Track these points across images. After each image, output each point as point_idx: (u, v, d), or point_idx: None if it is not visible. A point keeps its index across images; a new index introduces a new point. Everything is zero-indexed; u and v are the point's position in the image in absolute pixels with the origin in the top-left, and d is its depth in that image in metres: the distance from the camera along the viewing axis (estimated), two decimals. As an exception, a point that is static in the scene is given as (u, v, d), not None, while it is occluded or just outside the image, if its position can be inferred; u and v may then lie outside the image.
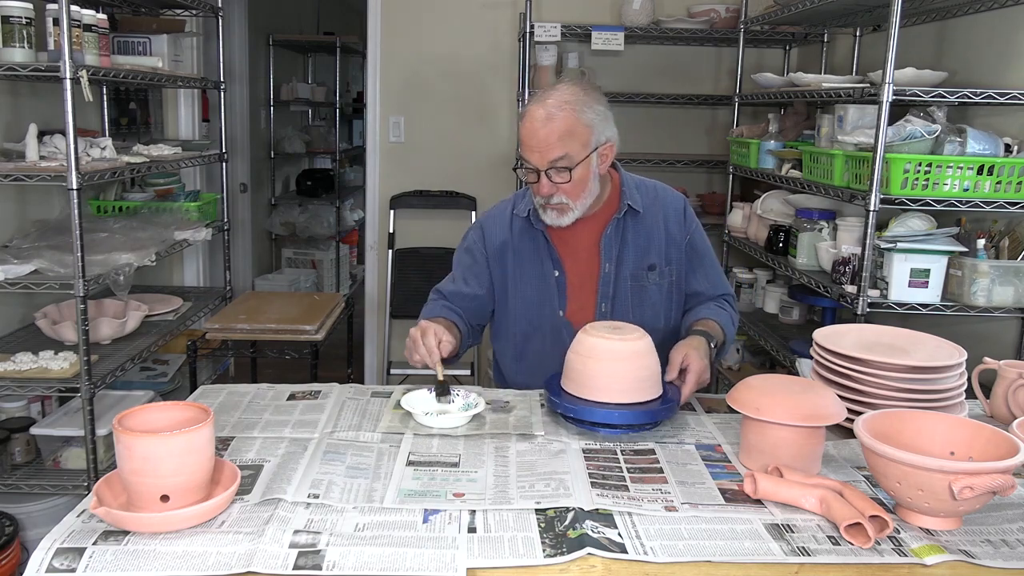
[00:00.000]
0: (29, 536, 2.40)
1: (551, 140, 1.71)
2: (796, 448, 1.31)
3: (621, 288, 1.87)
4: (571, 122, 1.72)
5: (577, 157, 1.74)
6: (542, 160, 1.73)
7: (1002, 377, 1.62)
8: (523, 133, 1.75)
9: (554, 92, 1.76)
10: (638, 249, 1.88)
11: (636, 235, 1.88)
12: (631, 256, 1.88)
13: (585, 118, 1.73)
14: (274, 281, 5.17)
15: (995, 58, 2.37)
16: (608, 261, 1.87)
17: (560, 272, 1.88)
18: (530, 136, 1.73)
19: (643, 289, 1.88)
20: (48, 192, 2.83)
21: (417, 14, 3.86)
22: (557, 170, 1.74)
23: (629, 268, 1.87)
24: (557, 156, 1.72)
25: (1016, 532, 1.18)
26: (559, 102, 1.73)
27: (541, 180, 1.75)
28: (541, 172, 1.74)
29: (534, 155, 1.74)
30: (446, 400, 1.62)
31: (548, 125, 1.72)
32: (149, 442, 1.11)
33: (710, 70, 3.89)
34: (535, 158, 1.74)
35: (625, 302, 1.88)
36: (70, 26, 2.08)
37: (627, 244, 1.88)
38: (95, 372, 2.25)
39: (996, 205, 2.10)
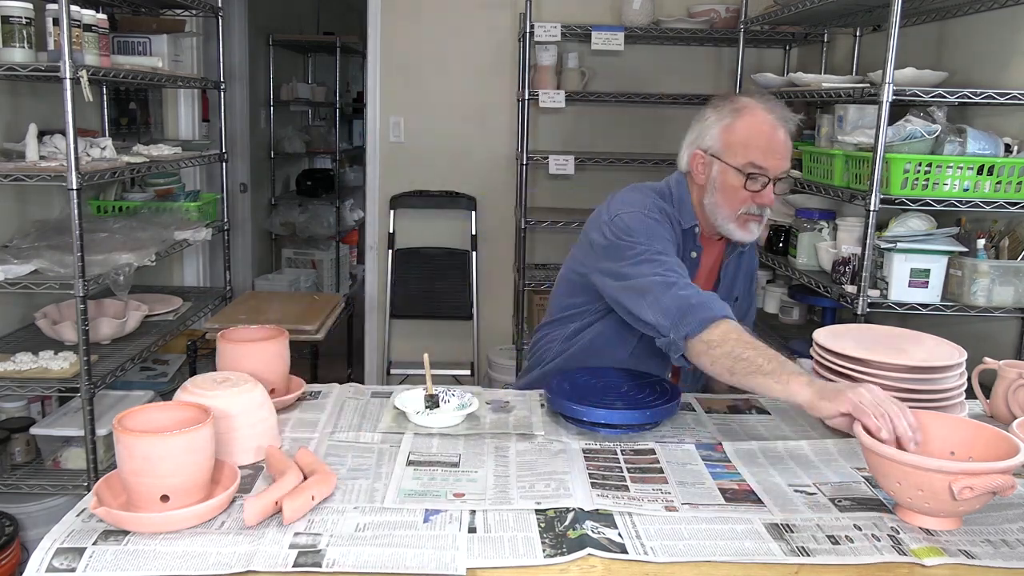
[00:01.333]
0: (29, 536, 2.40)
1: (789, 147, 1.68)
2: None
3: None
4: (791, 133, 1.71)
5: None
6: (779, 167, 1.68)
7: (1002, 377, 1.62)
8: (760, 137, 1.67)
9: (766, 99, 1.72)
10: (734, 280, 1.90)
11: (738, 266, 1.90)
12: (727, 287, 1.88)
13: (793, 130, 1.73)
14: (274, 281, 5.16)
15: (995, 58, 2.37)
16: (722, 289, 1.85)
17: None
18: (771, 141, 1.67)
19: None
20: (48, 192, 2.83)
21: (417, 14, 3.86)
22: (782, 181, 1.71)
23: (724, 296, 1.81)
24: (789, 168, 1.70)
25: (1016, 532, 1.18)
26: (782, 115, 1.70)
27: (768, 189, 1.69)
28: (771, 180, 1.68)
29: (773, 161, 1.67)
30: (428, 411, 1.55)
31: (785, 132, 1.69)
32: (149, 442, 1.11)
33: (710, 70, 3.89)
34: (774, 164, 1.68)
35: None
36: (70, 26, 2.08)
37: (732, 274, 1.89)
38: (95, 372, 2.25)
39: (996, 205, 2.10)
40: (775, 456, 1.41)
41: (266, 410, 1.38)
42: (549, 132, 3.90)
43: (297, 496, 1.16)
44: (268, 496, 1.15)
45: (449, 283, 3.96)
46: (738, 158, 1.69)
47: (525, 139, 3.53)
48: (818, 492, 1.29)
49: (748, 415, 1.64)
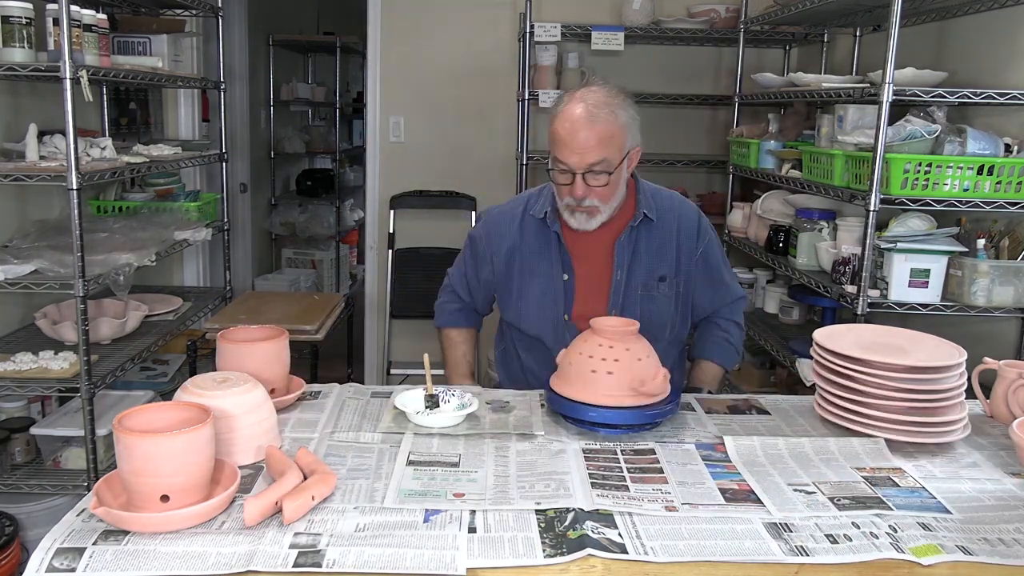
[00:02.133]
0: (29, 536, 2.40)
1: (591, 143, 1.68)
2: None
3: (631, 296, 1.86)
4: (611, 125, 1.70)
5: (614, 161, 1.72)
6: (581, 162, 1.70)
7: (1002, 377, 1.62)
8: (560, 133, 1.71)
9: (590, 93, 1.73)
10: (651, 259, 1.87)
11: (649, 244, 1.87)
12: (643, 265, 1.87)
13: (621, 121, 1.72)
14: (274, 281, 5.16)
15: (995, 58, 2.37)
16: (620, 268, 1.85)
17: (569, 275, 1.87)
18: (570, 137, 1.69)
19: (652, 299, 1.87)
20: (48, 192, 2.83)
21: (417, 14, 3.86)
22: (594, 173, 1.71)
23: (640, 277, 1.86)
24: (597, 159, 1.70)
25: (1012, 532, 1.18)
26: (599, 103, 1.69)
27: (576, 182, 1.72)
28: (577, 174, 1.71)
29: (573, 156, 1.70)
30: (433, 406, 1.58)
31: (590, 127, 1.68)
32: (149, 442, 1.11)
33: (710, 70, 3.89)
34: (573, 160, 1.70)
35: (634, 311, 1.86)
36: (70, 26, 2.08)
37: (639, 253, 1.86)
38: (95, 372, 2.25)
39: (996, 205, 2.10)
40: (775, 455, 1.41)
41: (266, 410, 1.38)
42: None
43: (297, 496, 1.16)
44: (268, 496, 1.15)
45: (449, 283, 3.95)
46: (551, 152, 1.77)
47: (525, 139, 3.53)
48: (817, 491, 1.29)
49: (748, 415, 1.64)
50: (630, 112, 1.75)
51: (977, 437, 1.54)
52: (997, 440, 1.54)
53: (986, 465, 1.42)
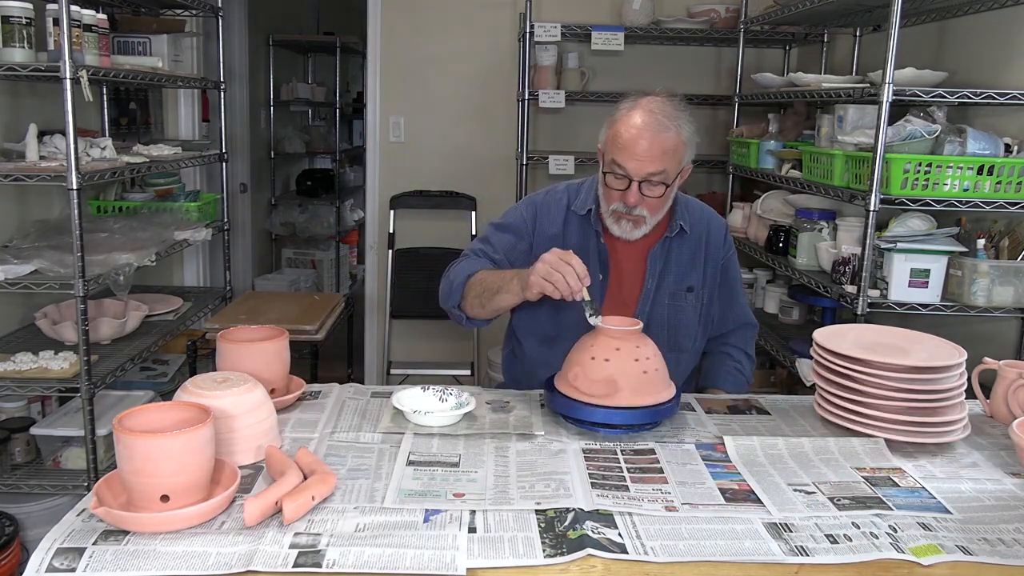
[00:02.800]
0: (29, 536, 2.40)
1: (655, 152, 1.67)
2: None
3: (659, 306, 1.86)
4: (675, 140, 1.68)
5: (672, 174, 1.71)
6: (640, 170, 1.68)
7: (1002, 377, 1.63)
8: (624, 137, 1.69)
9: (657, 101, 1.71)
10: (680, 269, 1.87)
11: (680, 255, 1.87)
12: (673, 276, 1.86)
13: (685, 135, 1.70)
14: (274, 281, 5.16)
15: (995, 58, 2.37)
16: (652, 278, 1.85)
17: (604, 277, 1.85)
18: (633, 143, 1.67)
19: (680, 310, 1.87)
20: (48, 192, 2.83)
21: (417, 14, 3.86)
22: (651, 184, 1.69)
23: (669, 288, 1.86)
24: (656, 170, 1.68)
25: (1012, 532, 1.18)
26: (667, 113, 1.68)
27: (631, 190, 1.70)
28: (634, 182, 1.69)
29: (632, 163, 1.68)
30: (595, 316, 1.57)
31: (655, 136, 1.66)
32: (149, 442, 1.11)
33: (710, 70, 3.89)
34: (633, 166, 1.68)
35: (661, 320, 1.86)
36: (70, 26, 2.08)
37: (670, 263, 1.86)
38: (95, 372, 2.25)
39: (996, 205, 2.10)
40: (775, 455, 1.41)
41: (266, 410, 1.38)
42: (549, 132, 3.91)
43: (297, 496, 1.16)
44: (268, 496, 1.15)
45: (449, 283, 3.95)
46: (607, 155, 1.75)
47: (525, 139, 3.53)
48: (817, 491, 1.29)
49: (748, 415, 1.64)
50: (692, 128, 1.73)
51: (977, 437, 1.54)
52: (997, 440, 1.54)
53: (986, 465, 1.42)
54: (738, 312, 2.01)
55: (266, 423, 1.37)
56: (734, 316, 2.01)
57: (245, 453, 1.33)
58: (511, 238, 1.88)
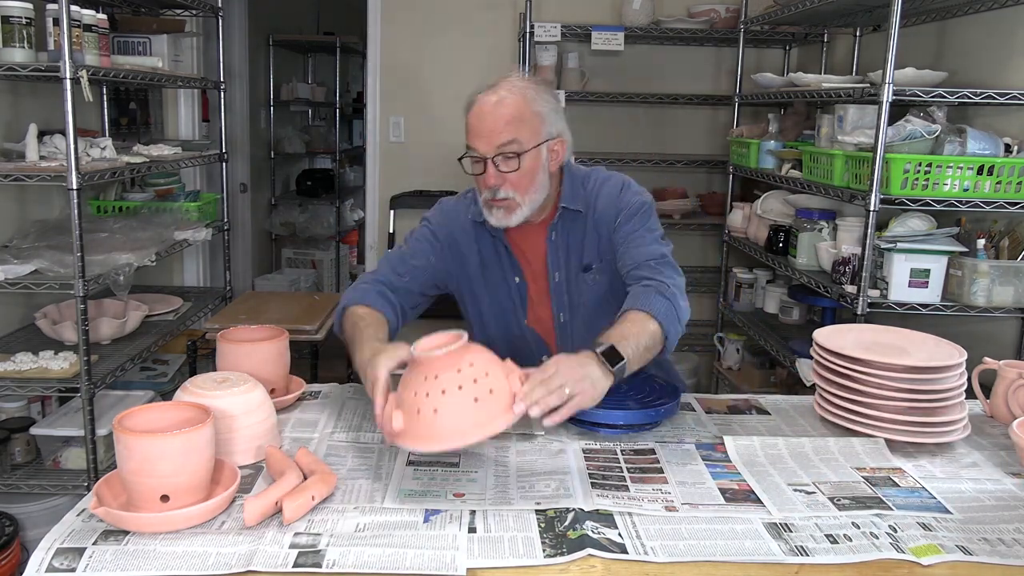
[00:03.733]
0: (29, 536, 2.40)
1: (499, 124, 1.62)
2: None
3: (574, 294, 1.78)
4: (521, 107, 1.63)
5: (527, 144, 1.63)
6: (489, 146, 1.62)
7: (1002, 377, 1.63)
8: (470, 120, 1.66)
9: (503, 80, 1.68)
10: (576, 251, 1.77)
11: (573, 236, 1.77)
12: (571, 260, 1.77)
13: (535, 106, 1.64)
14: (274, 281, 5.16)
15: (995, 58, 2.37)
16: (556, 269, 1.77)
17: (520, 279, 1.79)
18: (478, 120, 1.64)
19: (588, 288, 1.77)
20: (48, 192, 2.83)
21: (417, 14, 3.86)
22: (505, 157, 1.62)
23: (573, 271, 1.77)
24: (505, 140, 1.61)
25: (1012, 532, 1.18)
26: (511, 88, 1.64)
27: (488, 169, 1.64)
28: (488, 160, 1.64)
29: (481, 141, 1.63)
30: None
31: (497, 109, 1.62)
32: (149, 442, 1.11)
33: (710, 70, 3.89)
34: (482, 144, 1.63)
35: (580, 307, 1.78)
36: (70, 26, 2.08)
37: (570, 246, 1.77)
38: (95, 372, 2.25)
39: (996, 205, 2.10)
40: (775, 455, 1.41)
41: (266, 410, 1.38)
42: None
43: (297, 496, 1.16)
44: (268, 496, 1.15)
45: (449, 283, 3.95)
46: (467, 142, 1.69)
47: (525, 139, 3.52)
48: (817, 491, 1.29)
49: (748, 415, 1.64)
50: (547, 99, 1.67)
51: (977, 437, 1.54)
52: (997, 440, 1.54)
53: (986, 465, 1.42)
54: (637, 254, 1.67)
55: (266, 423, 1.37)
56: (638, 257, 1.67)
57: (245, 453, 1.33)
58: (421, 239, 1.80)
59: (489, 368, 1.22)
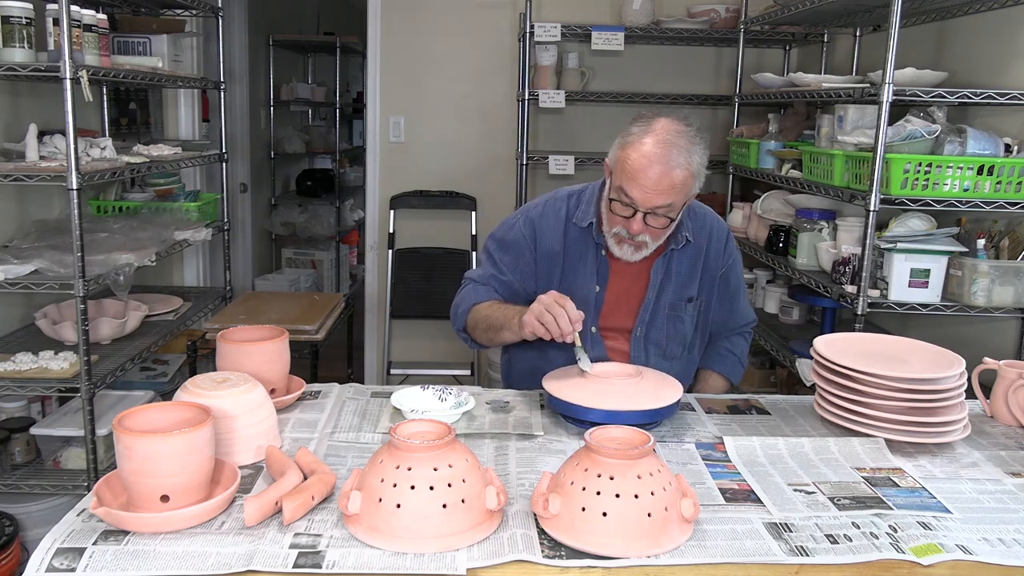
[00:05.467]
0: (29, 536, 2.40)
1: (664, 187, 1.63)
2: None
3: (659, 315, 1.85)
4: (688, 176, 1.64)
5: (678, 208, 1.69)
6: (647, 202, 1.64)
7: (1002, 377, 1.63)
8: (632, 166, 1.64)
9: (672, 129, 1.65)
10: (680, 280, 1.86)
11: (680, 265, 1.85)
12: (673, 286, 1.85)
13: (695, 168, 1.67)
14: (274, 281, 5.16)
15: (995, 58, 2.37)
16: (653, 288, 1.84)
17: (602, 288, 1.84)
18: (642, 174, 1.62)
19: (679, 319, 1.86)
20: (48, 192, 2.83)
21: (417, 14, 3.86)
22: (656, 216, 1.67)
23: (669, 298, 1.85)
24: (664, 203, 1.65)
25: (1012, 532, 1.18)
26: (681, 146, 1.63)
27: (635, 219, 1.67)
28: (639, 212, 1.66)
29: (639, 194, 1.64)
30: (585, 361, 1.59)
31: (668, 171, 1.62)
32: (149, 442, 1.11)
33: (710, 70, 3.89)
34: (640, 197, 1.64)
35: (660, 329, 1.86)
36: (70, 26, 2.08)
37: (671, 274, 1.85)
38: (95, 372, 2.25)
39: (996, 205, 2.10)
40: (775, 455, 1.41)
41: (266, 410, 1.38)
42: (549, 132, 3.91)
43: (297, 496, 1.16)
44: (268, 496, 1.15)
45: (449, 283, 3.92)
46: (615, 179, 1.70)
47: (525, 139, 3.53)
48: (817, 491, 1.29)
49: (748, 415, 1.64)
50: (704, 158, 1.69)
51: (977, 437, 1.54)
52: (997, 440, 1.54)
53: (986, 465, 1.42)
54: (737, 317, 2.01)
55: (266, 423, 1.37)
56: (735, 320, 2.01)
57: (245, 453, 1.33)
58: (513, 257, 1.87)
59: (468, 476, 1.13)
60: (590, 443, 1.14)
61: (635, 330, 1.86)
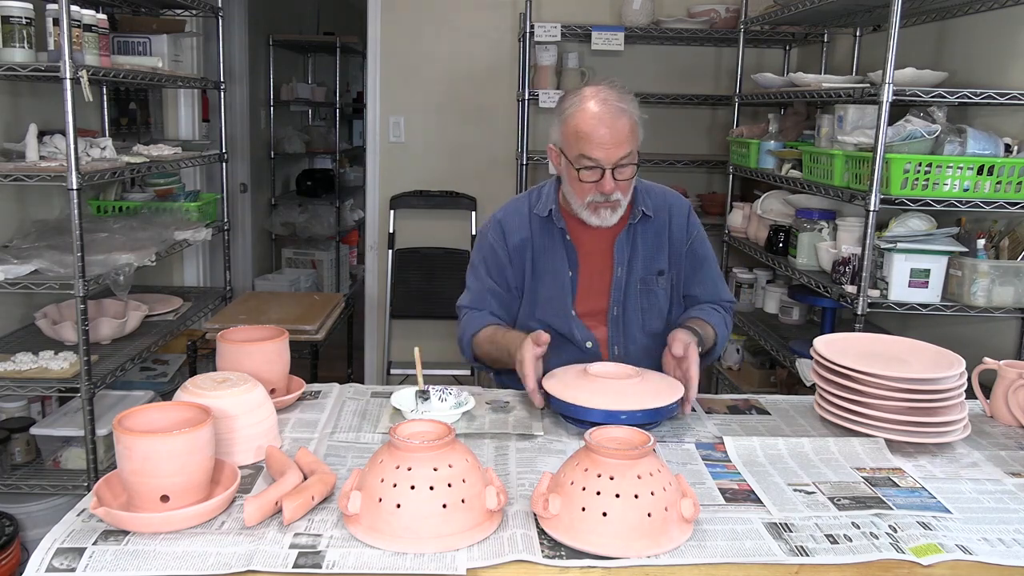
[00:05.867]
0: (29, 536, 2.40)
1: (621, 138, 1.71)
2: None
3: (631, 292, 1.88)
4: (634, 122, 1.73)
5: (635, 154, 1.75)
6: (610, 157, 1.71)
7: (1002, 377, 1.63)
8: (585, 130, 1.71)
9: (604, 89, 1.74)
10: (648, 254, 1.89)
11: (645, 240, 1.89)
12: (641, 261, 1.88)
13: (637, 115, 1.75)
14: (274, 281, 5.16)
15: (995, 58, 2.37)
16: (620, 266, 1.87)
17: (574, 272, 1.88)
18: (596, 133, 1.70)
19: (652, 293, 1.89)
20: (48, 192, 2.83)
21: (417, 14, 3.86)
22: (622, 167, 1.73)
23: (639, 273, 1.88)
24: (625, 153, 1.72)
25: (1012, 532, 1.18)
26: (619, 98, 1.72)
27: (606, 178, 1.73)
28: (607, 169, 1.72)
29: (601, 152, 1.71)
30: None
31: (618, 121, 1.70)
32: (149, 442, 1.11)
33: (710, 70, 3.89)
34: (603, 155, 1.71)
35: (635, 305, 1.89)
36: (70, 26, 2.08)
37: (637, 249, 1.88)
38: (95, 372, 2.25)
39: (996, 205, 2.10)
40: (775, 455, 1.41)
41: (266, 410, 1.38)
42: (549, 132, 3.90)
43: (297, 496, 1.16)
44: (268, 496, 1.15)
45: (449, 283, 3.95)
46: (571, 151, 1.76)
47: (525, 139, 3.53)
48: (817, 491, 1.29)
49: (748, 415, 1.64)
50: (636, 106, 1.77)
51: (977, 437, 1.54)
52: (997, 440, 1.54)
53: (986, 465, 1.42)
54: (711, 289, 1.96)
55: (266, 423, 1.37)
56: (708, 294, 1.96)
57: (245, 453, 1.33)
58: (492, 263, 1.93)
59: (468, 476, 1.13)
60: (590, 443, 1.14)
61: (611, 310, 1.88)
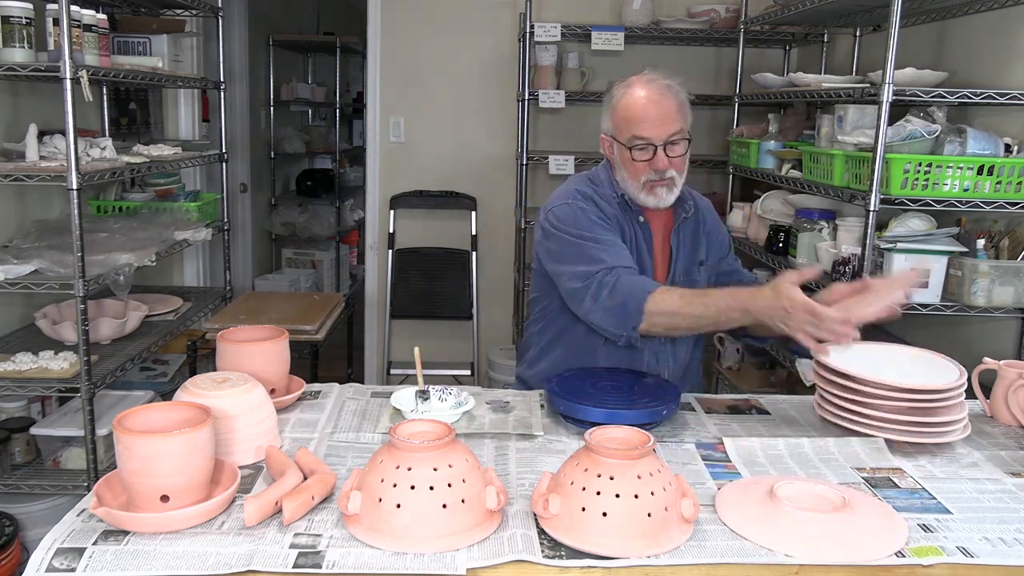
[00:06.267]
0: (29, 536, 2.40)
1: (670, 114, 1.74)
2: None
3: (678, 281, 1.89)
4: (682, 101, 1.78)
5: (687, 131, 1.78)
6: (662, 134, 1.74)
7: (1002, 377, 1.63)
8: (635, 110, 1.75)
9: (648, 73, 1.80)
10: (692, 245, 1.92)
11: (686, 232, 1.92)
12: (686, 252, 1.91)
13: (683, 95, 1.79)
14: (274, 281, 5.16)
15: (995, 58, 2.37)
16: (674, 256, 1.90)
17: (650, 255, 1.88)
18: (645, 112, 1.74)
19: (694, 284, 1.90)
20: (48, 192, 2.83)
21: (417, 14, 3.86)
22: (673, 144, 1.76)
23: (683, 264, 1.90)
24: (676, 128, 1.75)
25: (1013, 532, 1.18)
26: (664, 79, 1.77)
27: (658, 155, 1.75)
28: (659, 147, 1.74)
29: (653, 130, 1.74)
30: None
31: (665, 99, 1.75)
32: (149, 442, 1.11)
33: (710, 70, 3.89)
34: (654, 132, 1.74)
35: None
36: (70, 26, 2.08)
37: (684, 241, 1.91)
38: (95, 372, 2.25)
39: (996, 205, 2.10)
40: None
41: (266, 410, 1.38)
42: (549, 132, 3.91)
43: (297, 496, 1.16)
44: (268, 496, 1.15)
45: (449, 283, 3.96)
46: (623, 134, 1.79)
47: (525, 139, 3.53)
48: (818, 492, 1.29)
49: (748, 415, 1.64)
50: (683, 88, 1.81)
51: (977, 437, 1.54)
52: (997, 440, 1.54)
53: (986, 465, 1.42)
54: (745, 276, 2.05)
55: (266, 423, 1.37)
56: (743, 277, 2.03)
57: (245, 453, 1.33)
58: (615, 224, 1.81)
59: (468, 476, 1.13)
60: (590, 443, 1.14)
61: None
